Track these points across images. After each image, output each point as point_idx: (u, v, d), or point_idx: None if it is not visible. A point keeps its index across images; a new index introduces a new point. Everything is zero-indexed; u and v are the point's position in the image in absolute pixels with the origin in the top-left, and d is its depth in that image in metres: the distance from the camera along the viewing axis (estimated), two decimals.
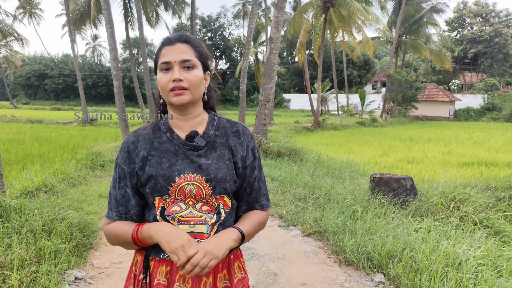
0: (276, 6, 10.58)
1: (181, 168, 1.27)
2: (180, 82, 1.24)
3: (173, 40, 1.28)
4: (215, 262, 1.18)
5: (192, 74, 1.26)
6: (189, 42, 1.30)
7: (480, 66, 50.63)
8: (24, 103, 60.77)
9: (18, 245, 3.49)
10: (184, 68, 1.26)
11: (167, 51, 1.27)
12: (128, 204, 1.34)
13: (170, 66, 1.25)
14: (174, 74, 1.24)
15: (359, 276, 3.68)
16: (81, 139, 14.17)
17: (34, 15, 43.38)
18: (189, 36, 1.31)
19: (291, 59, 60.34)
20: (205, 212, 1.29)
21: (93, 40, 68.56)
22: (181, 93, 1.25)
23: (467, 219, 4.80)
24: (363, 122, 26.75)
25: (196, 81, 1.27)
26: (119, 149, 1.37)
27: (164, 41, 1.30)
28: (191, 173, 1.27)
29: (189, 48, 1.28)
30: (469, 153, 12.00)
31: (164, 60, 1.26)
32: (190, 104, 1.30)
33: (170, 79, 1.25)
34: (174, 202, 1.27)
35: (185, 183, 1.26)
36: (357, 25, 23.30)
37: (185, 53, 1.27)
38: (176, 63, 1.25)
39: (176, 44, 1.27)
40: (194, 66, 1.27)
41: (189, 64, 1.26)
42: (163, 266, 1.30)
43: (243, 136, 1.39)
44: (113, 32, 12.62)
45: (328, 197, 5.89)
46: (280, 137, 12.97)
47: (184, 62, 1.25)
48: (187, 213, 1.27)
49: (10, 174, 7.17)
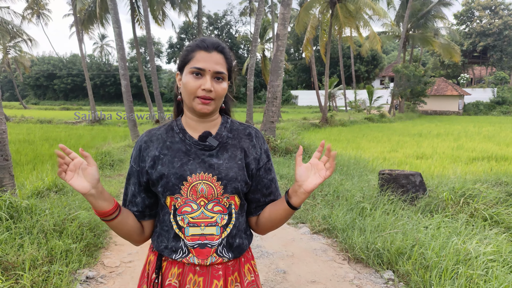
0: (283, 3, 10.54)
1: (192, 168, 1.28)
2: (209, 93, 1.25)
3: (210, 47, 1.27)
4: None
5: (221, 87, 1.27)
6: (224, 53, 1.30)
7: (490, 59, 50.07)
8: (33, 103, 61.44)
9: (30, 245, 3.54)
10: (215, 79, 1.26)
11: (202, 56, 1.25)
12: (134, 200, 1.38)
13: (203, 73, 1.25)
14: (206, 84, 1.23)
15: (368, 273, 3.67)
16: (90, 138, 14.28)
17: (42, 15, 43.68)
18: (225, 46, 1.32)
19: (298, 56, 60.16)
20: (216, 213, 1.29)
21: (101, 40, 68.89)
22: (207, 103, 1.26)
23: (477, 215, 4.76)
24: (371, 117, 26.61)
25: (223, 93, 1.29)
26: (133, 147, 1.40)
27: (199, 44, 1.28)
28: (203, 172, 1.28)
29: (223, 60, 1.29)
30: (479, 147, 11.89)
31: (199, 66, 1.24)
32: (212, 113, 1.33)
33: (200, 86, 1.24)
34: (185, 202, 1.28)
35: (196, 182, 1.27)
36: (364, 20, 23.15)
37: (220, 64, 1.27)
38: (209, 73, 1.25)
39: (212, 52, 1.27)
40: (224, 78, 1.28)
41: (221, 76, 1.27)
42: (175, 268, 1.31)
43: (256, 138, 1.39)
44: (120, 31, 12.69)
45: (336, 194, 5.88)
46: (288, 134, 12.95)
47: (217, 73, 1.26)
48: (198, 214, 1.28)
49: (21, 175, 7.24)
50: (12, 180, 4.79)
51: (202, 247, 1.28)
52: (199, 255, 1.28)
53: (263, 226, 1.41)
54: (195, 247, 1.28)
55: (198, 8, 24.63)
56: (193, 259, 1.28)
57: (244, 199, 1.40)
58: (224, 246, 1.30)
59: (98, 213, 1.25)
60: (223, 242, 1.30)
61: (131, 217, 1.36)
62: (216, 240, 1.28)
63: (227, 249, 1.30)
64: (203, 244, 1.28)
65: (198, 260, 1.28)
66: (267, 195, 1.41)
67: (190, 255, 1.28)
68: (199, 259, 1.28)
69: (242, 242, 1.35)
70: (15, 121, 24.14)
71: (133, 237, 1.38)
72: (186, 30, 55.70)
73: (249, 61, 17.28)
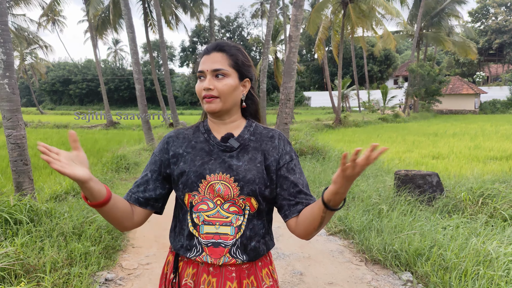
0: (295, 4, 10.53)
1: (212, 167, 1.30)
2: (209, 91, 1.29)
3: (210, 50, 1.33)
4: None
5: (222, 83, 1.29)
6: (224, 50, 1.32)
7: (506, 56, 49.26)
8: (49, 108, 62.46)
9: (50, 248, 3.60)
10: (215, 77, 1.30)
11: (203, 60, 1.32)
12: (146, 186, 1.36)
13: (204, 75, 1.31)
14: (204, 83, 1.30)
15: (386, 275, 3.64)
16: (106, 142, 14.45)
17: (57, 22, 44.38)
18: (227, 44, 1.34)
19: (310, 57, 60.02)
20: (232, 213, 1.29)
21: (115, 45, 69.78)
22: (210, 101, 1.30)
23: (497, 215, 4.68)
24: (385, 118, 26.39)
25: (227, 90, 1.29)
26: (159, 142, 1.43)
27: (203, 51, 1.36)
28: (221, 172, 1.29)
29: (223, 57, 1.31)
30: (496, 147, 11.68)
31: (199, 69, 1.32)
32: (223, 111, 1.34)
33: (202, 87, 1.30)
34: (202, 200, 1.29)
35: (214, 181, 1.28)
36: (377, 19, 23.00)
37: (218, 62, 1.30)
38: (208, 72, 1.30)
39: (211, 53, 1.32)
40: (226, 74, 1.30)
41: (220, 73, 1.29)
42: (190, 268, 1.33)
43: (278, 140, 1.39)
44: (134, 36, 12.83)
45: (352, 195, 5.84)
46: (302, 135, 12.92)
47: (215, 71, 1.29)
48: (214, 212, 1.29)
49: (40, 179, 7.38)
50: (31, 184, 4.88)
51: (216, 246, 1.28)
52: (212, 254, 1.28)
53: (302, 228, 1.31)
54: (208, 246, 1.28)
55: (210, 11, 24.82)
56: (206, 258, 1.28)
57: (268, 203, 1.37)
58: (238, 247, 1.29)
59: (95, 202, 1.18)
60: (237, 243, 1.29)
61: (122, 200, 1.30)
62: (230, 240, 1.28)
63: (241, 250, 1.30)
64: (216, 243, 1.28)
65: (211, 259, 1.28)
66: (296, 193, 1.33)
67: (204, 254, 1.29)
68: (212, 258, 1.28)
69: (258, 246, 1.33)
70: (32, 126, 24.56)
71: (122, 222, 1.31)
72: (198, 33, 56.04)
73: (261, 63, 17.29)
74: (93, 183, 1.13)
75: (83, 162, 1.12)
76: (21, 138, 4.76)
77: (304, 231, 1.30)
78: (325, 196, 1.16)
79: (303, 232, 1.31)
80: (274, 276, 1.43)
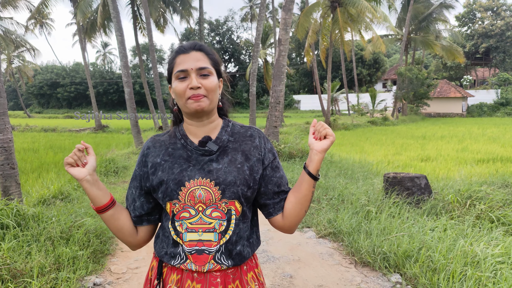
0: (284, 8, 10.59)
1: (191, 174, 1.28)
2: (198, 89, 1.26)
3: (188, 49, 1.30)
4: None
5: (209, 81, 1.27)
6: (203, 50, 1.31)
7: (492, 60, 49.98)
8: (37, 112, 61.80)
9: (38, 253, 3.55)
10: (200, 76, 1.27)
11: (182, 59, 1.28)
12: (134, 205, 1.39)
13: (187, 74, 1.27)
14: (192, 82, 1.25)
15: (375, 277, 3.66)
16: (94, 146, 14.32)
17: (45, 25, 43.98)
18: (202, 44, 1.33)
19: (300, 60, 60.27)
20: (215, 219, 1.27)
21: (103, 48, 69.36)
22: (199, 99, 1.25)
23: (484, 217, 4.74)
24: (374, 121, 26.58)
25: (214, 88, 1.28)
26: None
27: (178, 50, 1.31)
28: (201, 177, 1.27)
29: (203, 56, 1.30)
30: (483, 149, 11.84)
31: (181, 68, 1.27)
32: (208, 111, 1.31)
33: (187, 86, 1.26)
34: (184, 208, 1.27)
35: (194, 187, 1.26)
36: (366, 23, 23.20)
37: (201, 60, 1.28)
38: (193, 71, 1.26)
39: (191, 52, 1.29)
40: (210, 73, 1.28)
41: (206, 71, 1.27)
42: (174, 274, 1.31)
43: (258, 139, 1.38)
44: (123, 39, 12.78)
45: (341, 197, 5.87)
46: (291, 138, 12.96)
47: (200, 69, 1.27)
48: (197, 219, 1.27)
49: (27, 183, 7.28)
50: (18, 188, 4.82)
51: (200, 253, 1.26)
52: (196, 261, 1.26)
53: (290, 216, 1.35)
54: (192, 253, 1.27)
55: (199, 14, 24.78)
56: (191, 265, 1.27)
57: (251, 204, 1.38)
58: (223, 253, 1.28)
59: (94, 206, 1.34)
60: (222, 249, 1.27)
61: (125, 213, 1.38)
62: (213, 247, 1.27)
63: (226, 256, 1.28)
64: (200, 250, 1.26)
65: (195, 266, 1.26)
66: (279, 192, 1.37)
67: (188, 261, 1.27)
68: (196, 266, 1.26)
69: (243, 249, 1.32)
70: (19, 130, 24.27)
71: (125, 236, 1.38)
72: (188, 36, 55.95)
73: (251, 66, 17.32)
74: (88, 185, 1.29)
75: (88, 163, 1.32)
76: (8, 141, 4.70)
77: (296, 218, 1.36)
78: (311, 169, 1.31)
79: (294, 219, 1.36)
80: (260, 279, 1.42)
